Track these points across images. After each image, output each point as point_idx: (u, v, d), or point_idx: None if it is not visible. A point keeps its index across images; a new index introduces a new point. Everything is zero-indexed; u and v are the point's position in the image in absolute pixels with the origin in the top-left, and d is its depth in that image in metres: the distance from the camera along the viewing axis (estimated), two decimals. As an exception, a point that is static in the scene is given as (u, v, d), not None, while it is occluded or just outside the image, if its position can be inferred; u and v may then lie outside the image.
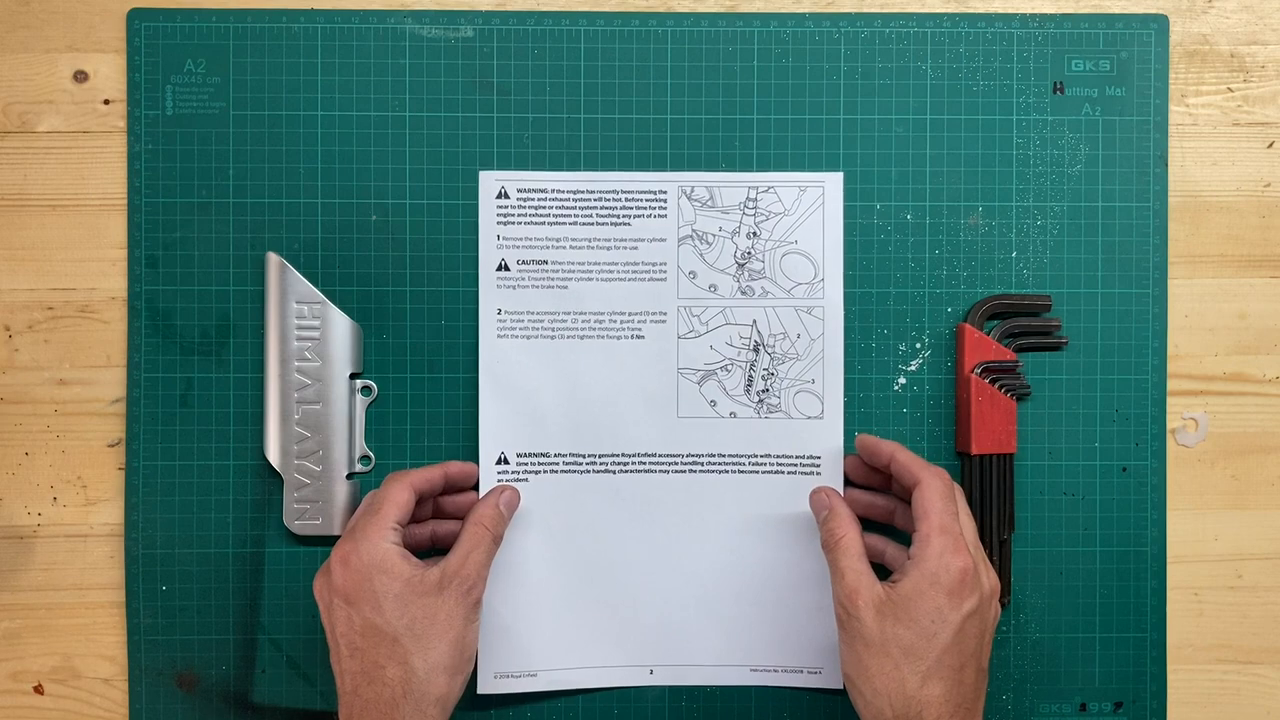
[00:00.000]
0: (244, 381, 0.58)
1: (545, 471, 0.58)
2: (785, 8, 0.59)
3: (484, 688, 0.58)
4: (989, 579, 0.51)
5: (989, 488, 0.58)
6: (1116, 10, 0.60)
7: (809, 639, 0.58)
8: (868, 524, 0.57)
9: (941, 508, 0.51)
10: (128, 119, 0.58)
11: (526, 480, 0.58)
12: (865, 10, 0.59)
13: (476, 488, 0.58)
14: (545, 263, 0.58)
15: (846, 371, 0.59)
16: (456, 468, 0.57)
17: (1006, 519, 0.58)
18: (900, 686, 0.49)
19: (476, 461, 0.58)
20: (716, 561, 0.58)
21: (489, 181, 0.58)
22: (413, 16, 0.58)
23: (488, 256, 0.58)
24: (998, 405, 0.57)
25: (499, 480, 0.58)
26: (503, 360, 0.58)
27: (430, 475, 0.55)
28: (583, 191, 0.58)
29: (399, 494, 0.53)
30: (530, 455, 0.58)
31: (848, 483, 0.58)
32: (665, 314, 0.58)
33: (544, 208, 0.58)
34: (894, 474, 0.54)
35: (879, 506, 0.57)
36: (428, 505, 0.57)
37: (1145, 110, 0.59)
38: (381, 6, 0.59)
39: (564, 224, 0.58)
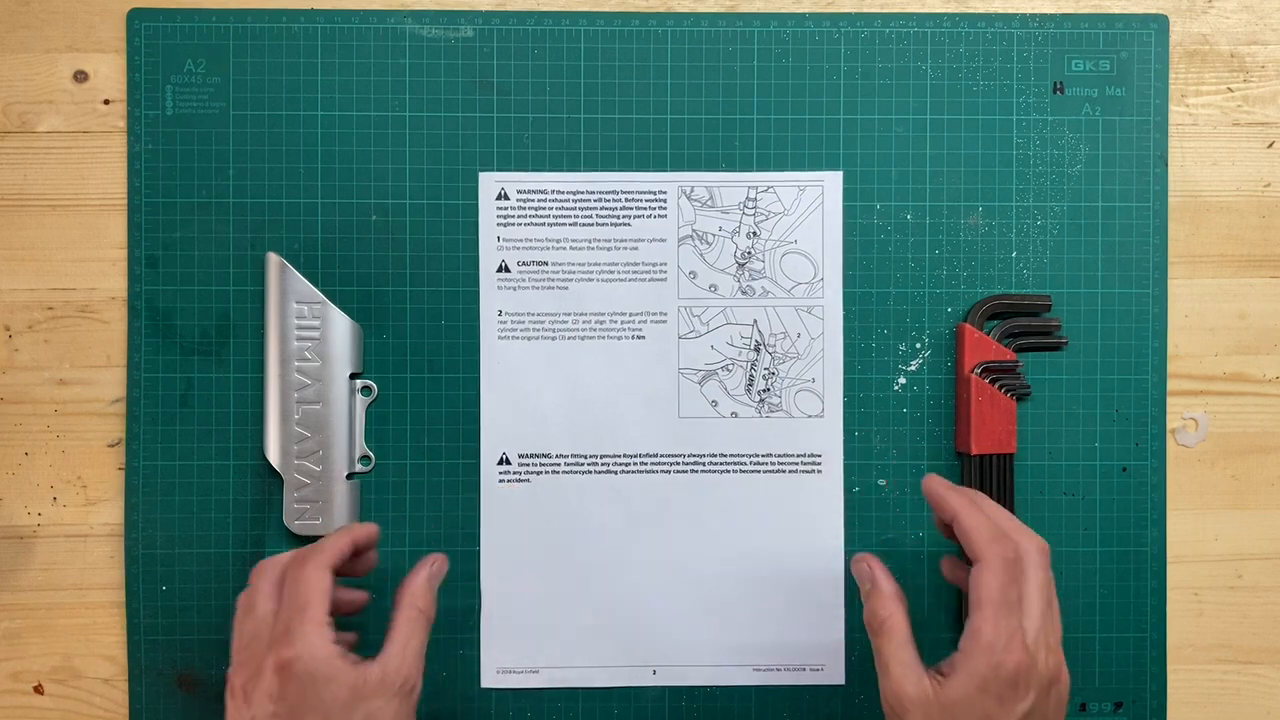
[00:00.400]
0: (244, 381, 0.58)
1: (547, 472, 0.58)
2: (785, 8, 0.59)
3: (487, 681, 0.58)
4: (1049, 664, 0.46)
5: (989, 488, 0.58)
6: (1116, 10, 0.60)
7: (811, 636, 0.58)
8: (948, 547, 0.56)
9: (998, 596, 0.45)
10: (128, 119, 0.58)
11: (528, 480, 0.58)
12: (865, 10, 0.59)
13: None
14: (545, 264, 0.58)
15: (846, 371, 0.59)
16: (361, 532, 0.52)
17: None
18: None
19: (477, 460, 0.58)
20: (718, 561, 0.59)
21: (489, 183, 0.58)
22: (413, 16, 0.58)
23: (488, 258, 0.58)
24: (998, 405, 0.57)
25: (500, 481, 0.58)
26: (504, 361, 0.58)
27: (340, 548, 0.50)
28: (583, 192, 0.59)
29: (322, 581, 0.48)
30: (532, 456, 0.58)
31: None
32: (666, 314, 0.58)
33: (544, 209, 0.58)
34: (957, 536, 0.49)
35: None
36: None
37: (1145, 110, 0.59)
38: (381, 6, 0.59)
39: (564, 225, 0.58)
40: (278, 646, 0.47)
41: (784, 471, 0.59)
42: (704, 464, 0.59)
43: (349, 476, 0.58)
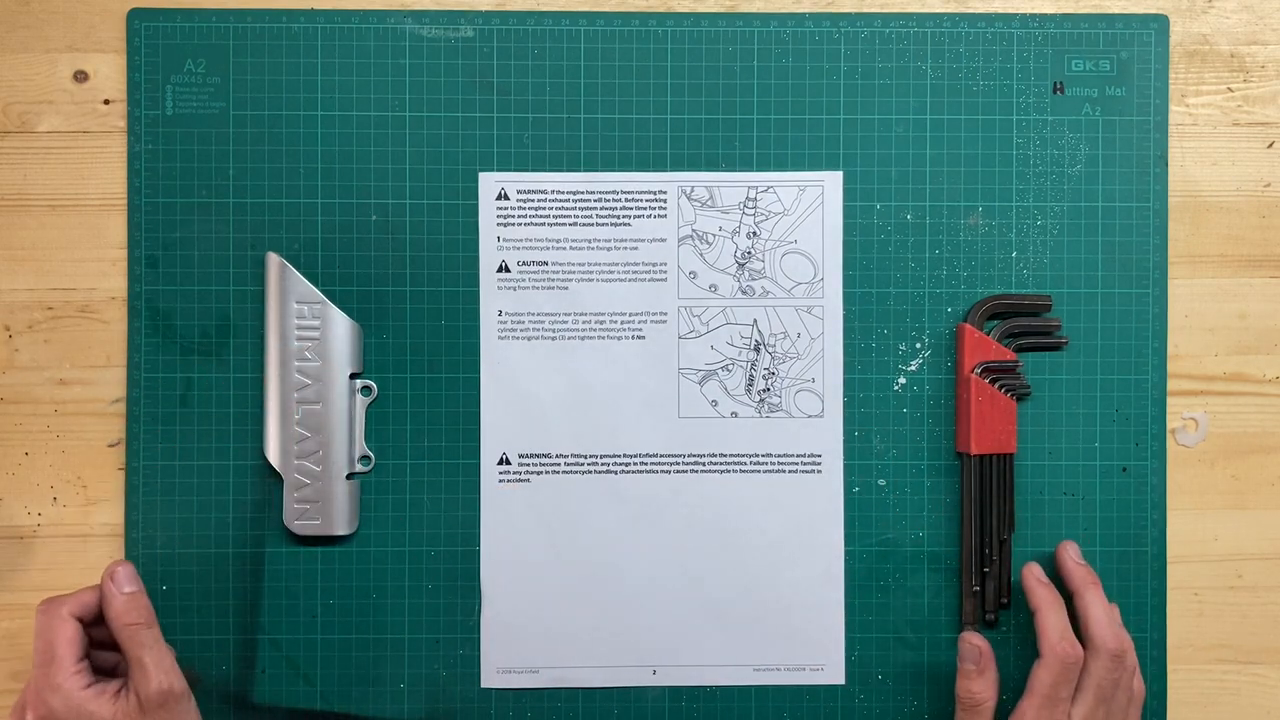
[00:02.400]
0: (244, 381, 0.58)
1: (547, 472, 0.58)
2: (785, 8, 0.59)
3: (487, 682, 0.58)
4: None
5: (989, 488, 0.58)
6: (1116, 10, 0.60)
7: (810, 636, 0.58)
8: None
9: (1048, 691, 0.52)
10: (128, 119, 0.58)
11: (528, 480, 0.58)
12: (865, 10, 0.59)
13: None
14: (545, 264, 0.58)
15: (846, 371, 0.59)
16: (106, 587, 0.53)
17: (1006, 519, 0.58)
18: None
19: (478, 460, 0.58)
20: (718, 561, 0.58)
21: (489, 183, 0.58)
22: (413, 16, 0.58)
23: (488, 258, 0.58)
24: (997, 405, 0.57)
25: (500, 481, 0.58)
26: (504, 362, 0.58)
27: (85, 599, 0.53)
28: (582, 192, 0.59)
29: (65, 629, 0.51)
30: (532, 456, 0.58)
31: None
32: (666, 314, 0.58)
33: (544, 209, 0.58)
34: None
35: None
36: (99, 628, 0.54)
37: (1145, 110, 0.59)
38: (381, 6, 0.59)
39: (564, 225, 0.58)
40: (35, 705, 0.50)
41: (784, 471, 0.59)
42: (704, 464, 0.59)
43: (349, 476, 0.58)
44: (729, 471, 0.59)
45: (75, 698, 0.50)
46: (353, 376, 0.58)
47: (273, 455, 0.57)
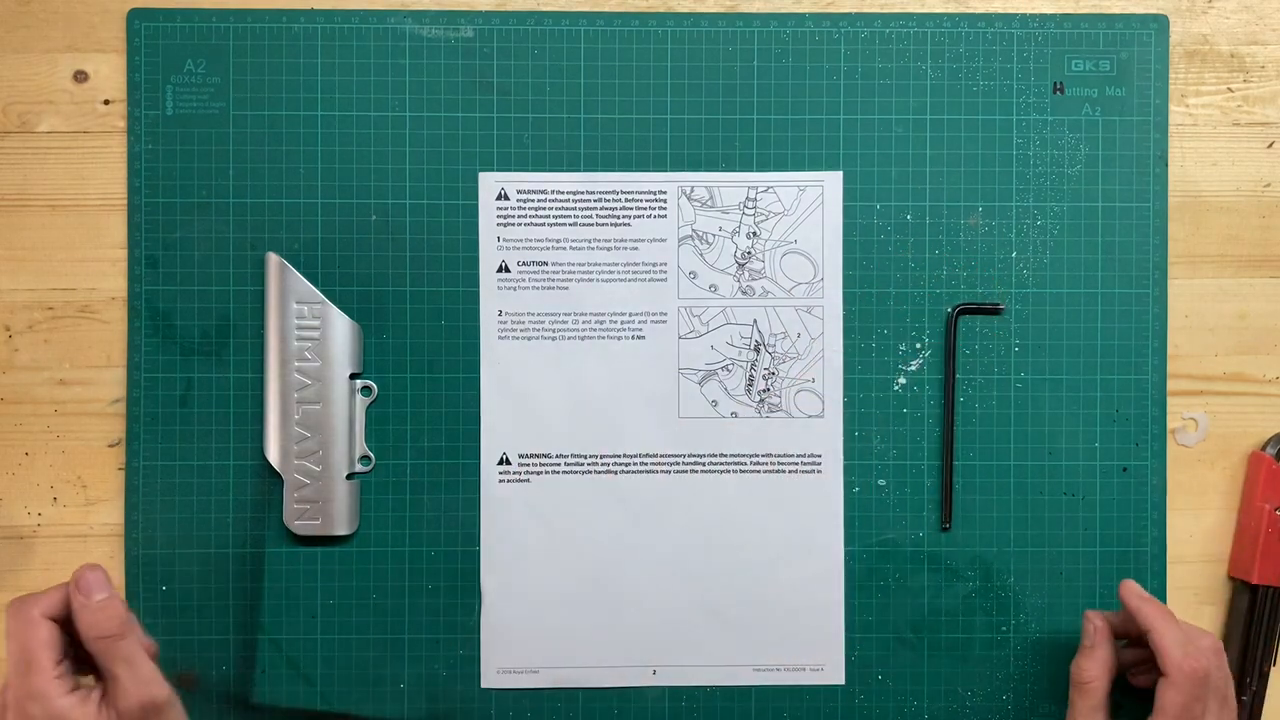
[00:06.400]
0: (244, 381, 0.58)
1: (547, 472, 0.58)
2: (785, 8, 0.59)
3: (487, 682, 0.58)
4: None
5: (1261, 618, 0.57)
6: (1116, 10, 0.60)
7: (810, 636, 0.58)
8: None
9: (1181, 713, 0.50)
10: (128, 119, 0.58)
11: (528, 480, 0.58)
12: (865, 10, 0.59)
13: None
14: (545, 264, 0.58)
15: (846, 371, 0.59)
16: (84, 582, 0.49)
17: (1272, 650, 0.58)
18: None
19: (478, 460, 0.58)
20: (718, 561, 0.59)
21: (489, 183, 0.58)
22: (413, 16, 0.58)
23: (488, 258, 0.58)
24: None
25: (500, 481, 0.58)
26: (504, 362, 0.58)
27: (56, 598, 0.49)
28: (582, 192, 0.59)
29: (39, 633, 0.47)
30: (532, 456, 0.58)
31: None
32: (666, 314, 0.59)
33: (544, 209, 0.58)
34: (1149, 643, 0.52)
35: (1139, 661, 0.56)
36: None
37: (1145, 110, 0.59)
38: (381, 6, 0.59)
39: (564, 225, 0.58)
40: (16, 713, 0.47)
41: (784, 471, 0.59)
42: (704, 464, 0.59)
43: (349, 476, 0.58)
44: (729, 471, 0.59)
45: (56, 705, 0.47)
46: (353, 376, 0.58)
47: (273, 455, 0.57)
